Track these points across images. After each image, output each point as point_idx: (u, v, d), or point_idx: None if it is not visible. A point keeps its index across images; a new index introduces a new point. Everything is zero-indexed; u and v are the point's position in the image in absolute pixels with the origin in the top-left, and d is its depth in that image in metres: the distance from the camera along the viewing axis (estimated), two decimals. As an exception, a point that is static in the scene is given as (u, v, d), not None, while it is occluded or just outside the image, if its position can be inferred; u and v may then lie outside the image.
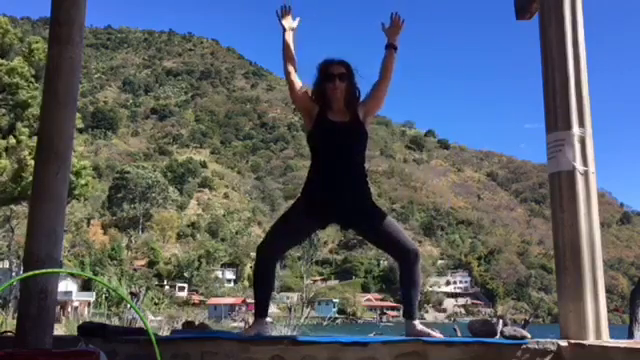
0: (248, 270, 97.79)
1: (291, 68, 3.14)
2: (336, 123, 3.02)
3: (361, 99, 3.16)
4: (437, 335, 2.79)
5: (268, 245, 3.01)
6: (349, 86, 3.08)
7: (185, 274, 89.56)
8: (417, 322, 2.93)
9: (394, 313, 76.11)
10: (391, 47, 3.13)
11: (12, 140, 23.50)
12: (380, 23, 3.18)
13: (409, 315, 2.95)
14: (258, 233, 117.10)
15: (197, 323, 4.09)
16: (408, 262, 2.95)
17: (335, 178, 2.96)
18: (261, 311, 3.00)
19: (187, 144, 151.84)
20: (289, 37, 3.19)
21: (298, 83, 3.14)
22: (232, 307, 60.10)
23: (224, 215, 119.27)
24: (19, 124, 23.87)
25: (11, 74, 23.61)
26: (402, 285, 3.00)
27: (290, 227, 3.05)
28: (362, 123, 3.07)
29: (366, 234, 3.14)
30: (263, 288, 3.02)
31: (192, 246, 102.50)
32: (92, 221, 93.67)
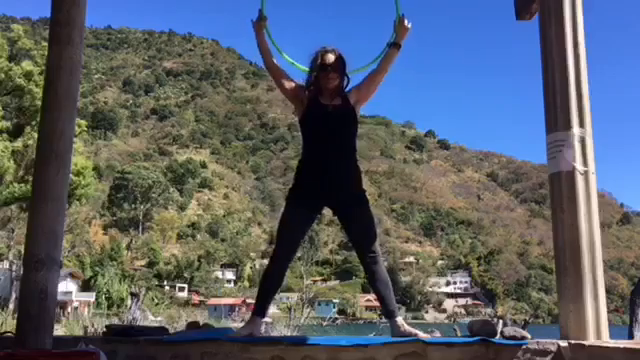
0: (248, 270, 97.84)
1: (274, 63, 3.31)
2: (327, 106, 3.12)
3: (352, 85, 3.26)
4: (423, 335, 2.81)
5: (278, 252, 3.08)
6: (341, 75, 3.18)
7: (185, 274, 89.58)
8: (400, 319, 2.96)
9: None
10: (396, 46, 3.21)
11: (19, 144, 23.47)
12: (392, 20, 3.26)
13: (390, 314, 2.98)
14: (258, 233, 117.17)
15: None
16: (374, 262, 3.01)
17: (326, 159, 3.04)
18: (260, 311, 3.02)
19: (187, 144, 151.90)
20: (263, 35, 3.30)
21: (284, 76, 3.29)
22: (232, 307, 60.11)
23: (224, 215, 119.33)
24: (28, 128, 23.82)
25: (25, 80, 23.50)
26: (374, 287, 3.05)
27: (290, 226, 3.10)
28: (353, 107, 3.17)
29: (347, 226, 3.14)
30: (269, 289, 3.07)
31: (192, 246, 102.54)
32: (93, 221, 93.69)
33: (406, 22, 3.20)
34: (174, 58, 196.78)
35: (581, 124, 2.66)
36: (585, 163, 2.63)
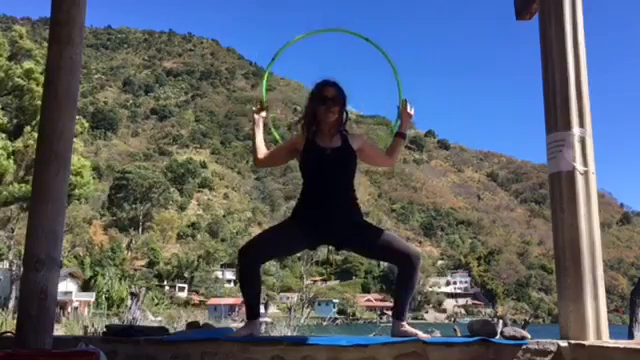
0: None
1: (265, 156, 3.23)
2: (325, 149, 3.03)
3: (352, 128, 3.25)
4: (423, 336, 2.81)
5: (253, 249, 3.00)
6: (341, 110, 3.10)
7: (185, 274, 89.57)
8: (404, 323, 2.95)
9: (394, 313, 75.83)
10: (401, 136, 3.23)
11: (19, 144, 23.45)
12: (396, 107, 3.26)
13: (399, 316, 2.97)
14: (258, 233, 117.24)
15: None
16: (409, 265, 2.95)
17: (324, 203, 2.96)
18: (252, 314, 2.99)
19: (187, 144, 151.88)
20: (261, 130, 3.26)
21: (276, 157, 3.26)
22: (232, 307, 60.01)
23: (224, 215, 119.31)
24: (28, 128, 23.79)
25: (24, 78, 23.44)
26: (398, 285, 3.01)
27: (279, 238, 3.06)
28: (353, 150, 3.07)
29: (360, 250, 3.14)
30: (251, 291, 3.00)
31: (192, 246, 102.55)
32: (93, 221, 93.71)
33: (409, 108, 3.21)
34: (174, 58, 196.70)
35: (581, 124, 2.66)
36: (585, 163, 2.63)
